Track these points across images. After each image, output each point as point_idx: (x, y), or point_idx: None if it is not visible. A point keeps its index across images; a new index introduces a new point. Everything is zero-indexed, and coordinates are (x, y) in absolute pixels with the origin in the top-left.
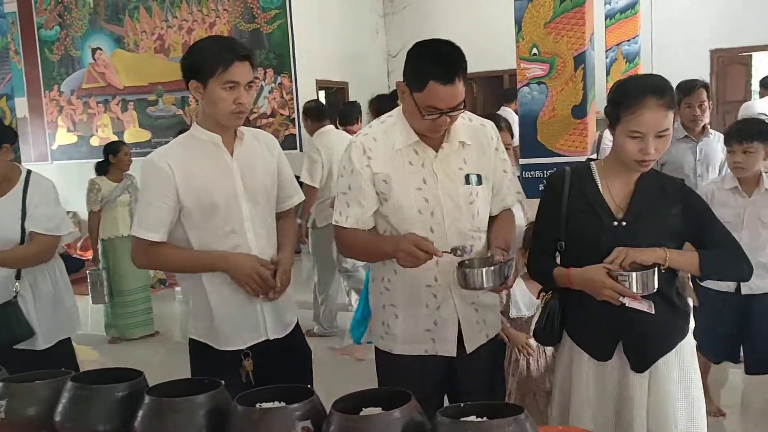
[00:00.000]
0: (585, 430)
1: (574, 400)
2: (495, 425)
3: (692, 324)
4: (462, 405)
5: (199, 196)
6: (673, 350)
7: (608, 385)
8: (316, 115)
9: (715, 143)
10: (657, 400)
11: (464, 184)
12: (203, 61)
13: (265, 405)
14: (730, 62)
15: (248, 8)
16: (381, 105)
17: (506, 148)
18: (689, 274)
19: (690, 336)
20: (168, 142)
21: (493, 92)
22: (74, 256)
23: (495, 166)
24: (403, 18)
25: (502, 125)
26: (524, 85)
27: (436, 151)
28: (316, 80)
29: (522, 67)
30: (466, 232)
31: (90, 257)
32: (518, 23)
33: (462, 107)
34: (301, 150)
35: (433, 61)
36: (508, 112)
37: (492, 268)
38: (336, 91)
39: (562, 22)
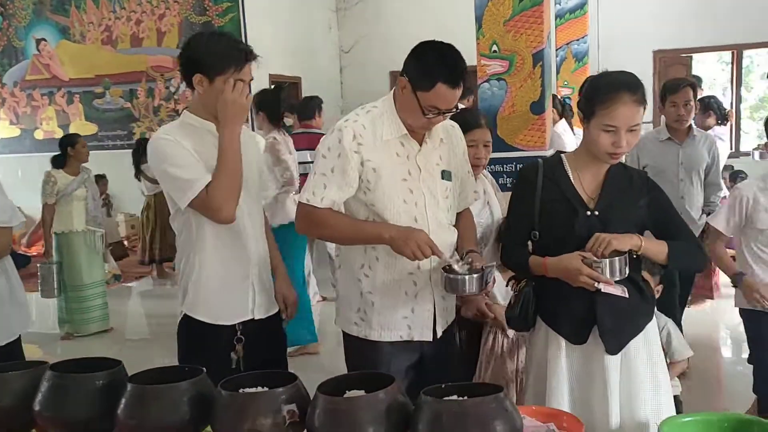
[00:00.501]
0: (560, 409)
1: (550, 383)
2: (478, 403)
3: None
4: (443, 386)
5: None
6: (642, 333)
7: (584, 367)
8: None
9: (701, 146)
10: (628, 380)
11: (441, 179)
12: (215, 58)
13: (249, 390)
14: (672, 63)
15: (199, 0)
16: (264, 102)
17: (485, 145)
18: None
19: (654, 319)
20: (116, 135)
21: None
22: (19, 252)
23: (462, 165)
24: (356, 13)
25: (482, 122)
26: (484, 81)
27: (420, 146)
28: (269, 75)
29: (482, 63)
30: (444, 224)
31: (36, 253)
32: (478, 21)
33: (455, 108)
34: None
35: (444, 64)
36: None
37: (476, 275)
38: (289, 85)
39: (521, 20)
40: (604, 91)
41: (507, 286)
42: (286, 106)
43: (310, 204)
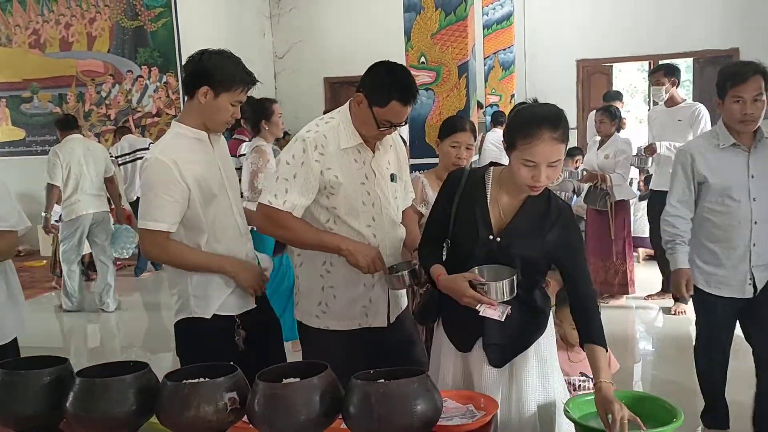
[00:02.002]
0: (478, 392)
1: (444, 380)
2: (402, 384)
3: (551, 318)
4: (371, 371)
5: (201, 187)
6: (531, 346)
7: (468, 373)
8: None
9: None
10: (518, 389)
11: (390, 181)
12: (227, 75)
13: (192, 381)
14: (594, 71)
15: (131, 5)
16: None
17: (468, 147)
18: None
19: (549, 329)
20: (44, 141)
21: None
22: None
23: (405, 169)
24: (290, 20)
25: (466, 126)
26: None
27: (373, 152)
28: None
29: (411, 74)
30: (396, 222)
31: None
32: (407, 34)
33: (404, 123)
34: None
35: (398, 84)
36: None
37: (408, 271)
38: None
39: (447, 33)
40: (526, 127)
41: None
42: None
43: (272, 206)
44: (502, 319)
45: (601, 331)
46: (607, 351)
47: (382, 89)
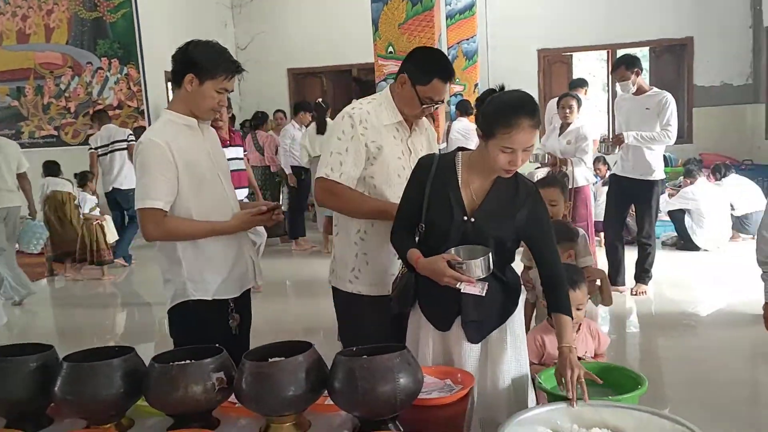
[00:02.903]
0: (456, 368)
1: (423, 362)
2: (385, 359)
3: (522, 297)
4: (354, 348)
5: (192, 171)
6: (506, 323)
7: (448, 351)
8: None
9: None
10: (492, 364)
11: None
12: (211, 63)
13: (180, 362)
14: (555, 61)
15: None
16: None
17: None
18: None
19: (520, 308)
20: (2, 134)
21: (343, 86)
22: None
23: (434, 152)
24: (252, 11)
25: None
26: (382, 80)
27: (410, 132)
28: (165, 72)
29: (380, 63)
30: None
31: None
32: (375, 24)
33: (443, 102)
34: None
35: (439, 63)
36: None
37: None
38: None
39: (414, 23)
40: (505, 116)
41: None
42: None
43: (330, 179)
44: (483, 294)
45: (567, 302)
46: (572, 319)
47: (424, 69)
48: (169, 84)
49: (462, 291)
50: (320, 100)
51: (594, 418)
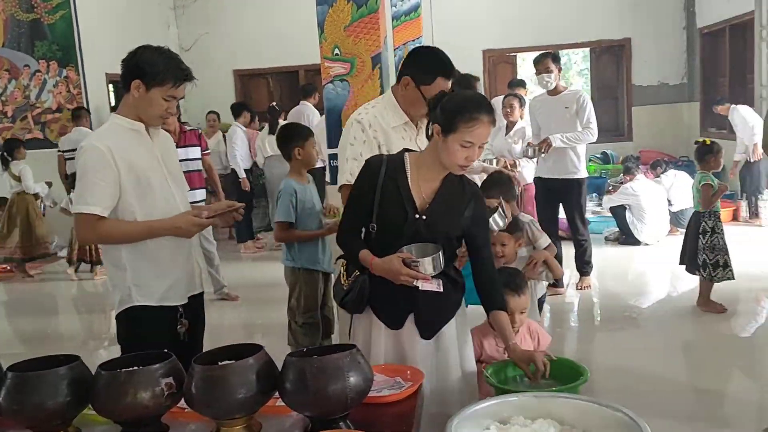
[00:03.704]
0: (409, 366)
1: (372, 362)
2: (335, 359)
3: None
4: (305, 350)
5: (137, 176)
6: (453, 318)
7: (401, 350)
8: None
9: None
10: (443, 358)
11: None
12: (157, 70)
13: (128, 369)
14: (499, 61)
15: None
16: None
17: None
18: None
19: (463, 304)
20: None
21: (290, 87)
22: None
23: None
24: (195, 11)
25: None
26: (329, 82)
27: (417, 131)
28: (106, 74)
29: (326, 65)
30: None
31: None
32: (320, 26)
33: None
34: None
35: (440, 61)
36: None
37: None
38: None
39: (359, 26)
40: (467, 111)
41: (335, 262)
42: None
43: (351, 184)
44: (441, 290)
45: (502, 298)
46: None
47: (426, 69)
48: (110, 86)
49: (420, 288)
50: (274, 103)
51: (539, 409)
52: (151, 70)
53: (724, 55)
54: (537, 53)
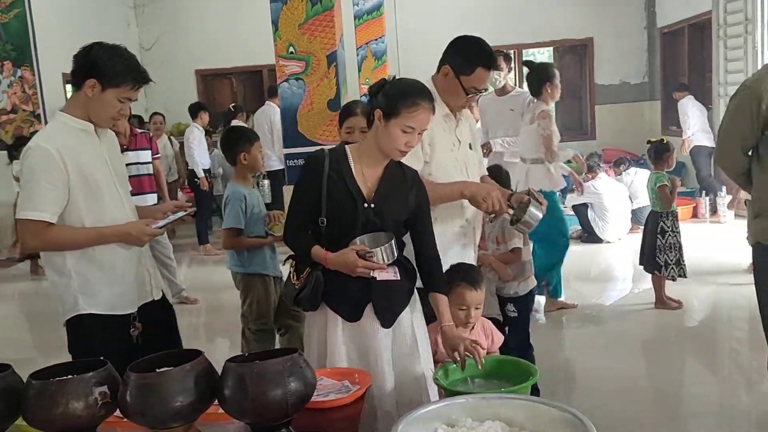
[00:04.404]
0: (358, 369)
1: (332, 359)
2: (275, 363)
3: (418, 281)
4: (246, 354)
5: (86, 178)
6: (408, 305)
7: (361, 341)
8: None
9: None
10: (401, 346)
11: (469, 149)
12: (115, 71)
13: (60, 378)
14: None
15: None
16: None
17: (362, 131)
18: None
19: (416, 292)
20: None
21: (253, 87)
22: None
23: (475, 139)
24: (156, 10)
25: (358, 111)
26: (284, 81)
27: (457, 121)
28: (63, 74)
29: (281, 64)
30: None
31: None
32: (275, 24)
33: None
34: None
35: (481, 52)
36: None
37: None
38: None
39: (314, 24)
40: (410, 97)
41: (284, 264)
42: None
43: None
44: (399, 278)
45: (443, 281)
46: (446, 297)
47: (467, 59)
48: (68, 86)
49: (378, 279)
50: (232, 105)
51: (487, 410)
52: (108, 71)
53: (683, 54)
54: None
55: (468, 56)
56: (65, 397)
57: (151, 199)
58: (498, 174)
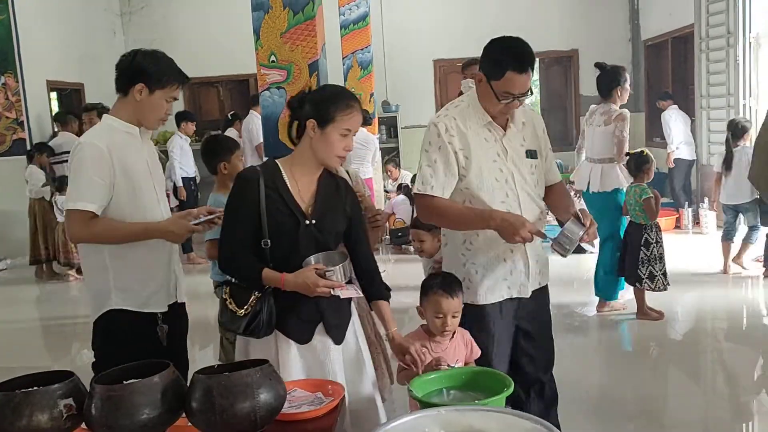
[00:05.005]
0: (326, 380)
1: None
2: (244, 375)
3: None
4: (216, 366)
5: (130, 178)
6: (351, 319)
7: (315, 362)
8: None
9: None
10: (349, 360)
11: (527, 158)
12: (163, 74)
13: (25, 390)
14: (450, 71)
15: None
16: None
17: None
18: None
19: (353, 304)
20: None
21: (241, 95)
22: None
23: (544, 145)
24: (142, 18)
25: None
26: (265, 89)
27: (504, 130)
28: (47, 81)
29: (262, 72)
30: (534, 197)
31: None
32: (256, 32)
33: (530, 93)
34: None
35: (511, 55)
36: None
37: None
38: (71, 92)
39: (296, 33)
40: (344, 100)
41: (215, 290)
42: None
43: (421, 192)
44: (361, 294)
45: (383, 287)
46: (389, 303)
47: (496, 63)
48: (53, 94)
49: (341, 297)
50: (230, 113)
51: (461, 422)
52: (155, 74)
53: (667, 66)
54: None
55: (497, 59)
56: (30, 408)
57: None
58: None
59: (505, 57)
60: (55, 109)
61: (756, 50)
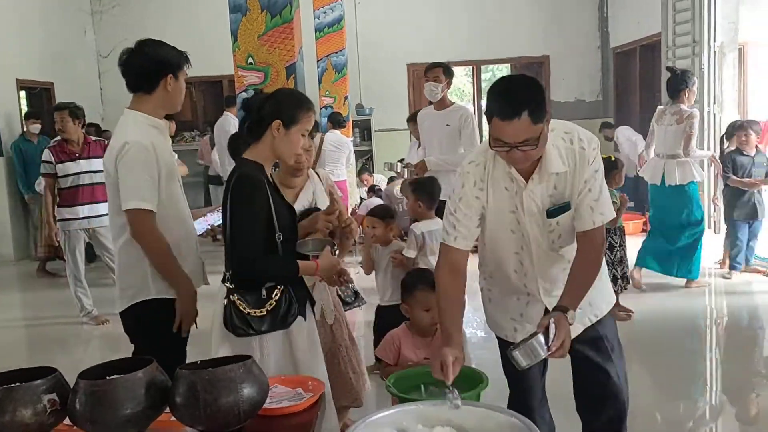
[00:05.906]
0: (310, 376)
1: (307, 363)
2: (227, 370)
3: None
4: (198, 362)
5: (169, 173)
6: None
7: (315, 337)
8: None
9: None
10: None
11: (546, 217)
12: (180, 58)
13: (7, 385)
14: (423, 75)
15: None
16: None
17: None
18: None
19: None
20: None
21: (213, 97)
22: None
23: (581, 191)
24: (114, 17)
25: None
26: (242, 91)
27: (526, 181)
28: (17, 79)
29: (240, 74)
30: (549, 253)
31: None
32: (234, 34)
33: (534, 143)
34: (3, 155)
35: (496, 100)
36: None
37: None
38: (40, 91)
39: (273, 35)
40: (304, 102)
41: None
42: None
43: (445, 243)
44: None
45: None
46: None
47: (486, 106)
48: (22, 92)
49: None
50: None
51: (438, 417)
52: (176, 60)
53: (635, 73)
54: (461, 68)
55: (487, 101)
56: (13, 404)
57: (103, 208)
58: (431, 186)
59: (491, 101)
60: (25, 107)
61: (720, 59)
